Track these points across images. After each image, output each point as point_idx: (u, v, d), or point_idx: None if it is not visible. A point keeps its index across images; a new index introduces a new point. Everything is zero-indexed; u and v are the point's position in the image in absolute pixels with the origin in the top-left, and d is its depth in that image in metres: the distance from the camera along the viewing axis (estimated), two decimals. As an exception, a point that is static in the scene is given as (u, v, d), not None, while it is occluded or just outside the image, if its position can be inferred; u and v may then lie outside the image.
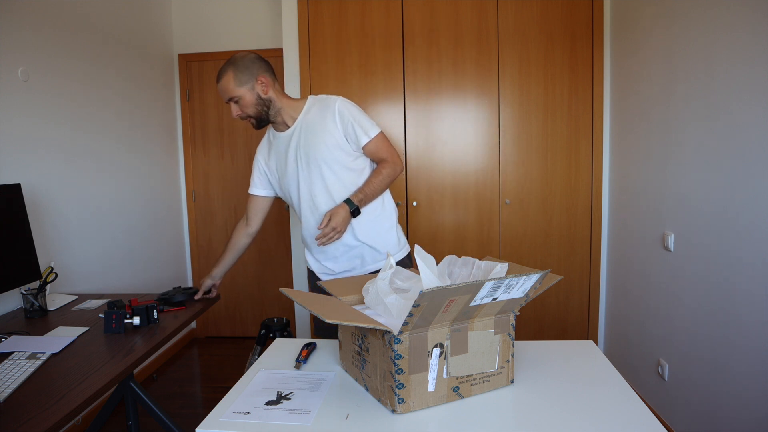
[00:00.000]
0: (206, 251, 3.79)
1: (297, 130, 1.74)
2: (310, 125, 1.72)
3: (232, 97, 1.66)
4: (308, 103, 1.76)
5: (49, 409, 1.17)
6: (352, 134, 1.71)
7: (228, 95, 1.66)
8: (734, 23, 1.82)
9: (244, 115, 1.70)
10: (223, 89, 1.66)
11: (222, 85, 1.66)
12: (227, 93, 1.66)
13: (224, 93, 1.67)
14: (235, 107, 1.69)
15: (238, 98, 1.66)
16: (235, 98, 1.66)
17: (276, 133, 1.80)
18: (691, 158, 2.10)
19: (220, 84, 1.66)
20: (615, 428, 1.00)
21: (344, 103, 1.72)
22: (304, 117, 1.74)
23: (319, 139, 1.70)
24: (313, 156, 1.71)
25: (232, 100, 1.67)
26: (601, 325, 3.10)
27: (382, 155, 1.75)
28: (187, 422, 2.53)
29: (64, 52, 2.51)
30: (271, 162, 1.83)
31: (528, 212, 3.04)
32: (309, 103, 1.76)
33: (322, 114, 1.72)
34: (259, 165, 1.88)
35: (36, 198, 2.30)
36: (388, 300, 1.19)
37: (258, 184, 1.90)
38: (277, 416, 1.05)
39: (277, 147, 1.80)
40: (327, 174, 1.72)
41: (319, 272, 1.89)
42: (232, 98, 1.67)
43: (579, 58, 2.93)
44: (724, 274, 1.90)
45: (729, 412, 1.88)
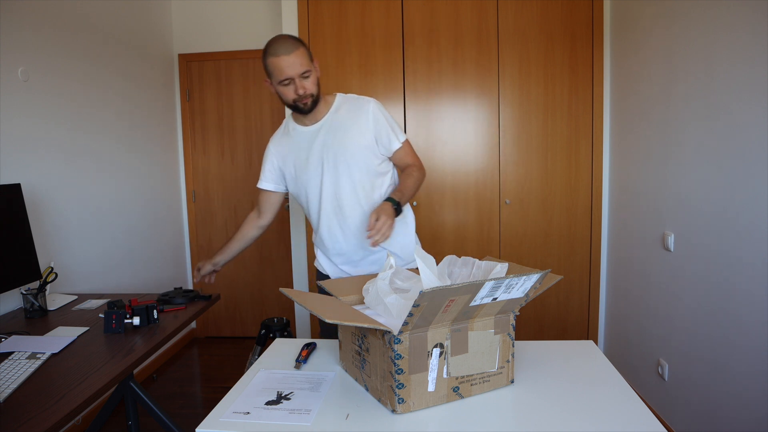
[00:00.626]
0: (206, 251, 3.79)
1: (325, 127, 1.66)
2: (340, 123, 1.66)
3: (308, 70, 1.55)
4: (337, 101, 1.70)
5: (49, 409, 1.17)
6: (385, 138, 1.66)
7: (303, 68, 1.53)
8: (734, 23, 1.82)
9: (308, 93, 1.57)
10: (297, 62, 1.52)
11: (296, 57, 1.52)
12: (303, 66, 1.53)
13: (297, 67, 1.52)
14: (305, 83, 1.55)
15: (310, 73, 1.56)
16: (308, 72, 1.55)
17: (297, 126, 1.71)
18: (691, 158, 2.10)
19: (294, 56, 1.51)
20: (615, 428, 1.00)
21: (378, 105, 1.68)
22: (334, 114, 1.67)
23: (350, 139, 1.64)
24: (342, 156, 1.64)
25: (305, 74, 1.55)
26: (601, 325, 3.10)
27: (409, 161, 1.72)
28: (187, 422, 2.53)
29: (64, 52, 2.51)
30: (288, 157, 1.73)
31: (528, 212, 3.04)
32: (338, 100, 1.70)
33: (354, 114, 1.66)
34: (271, 159, 1.77)
35: (36, 198, 2.30)
36: (388, 300, 1.19)
37: (269, 179, 1.80)
38: (277, 416, 1.05)
39: (297, 142, 1.70)
40: (356, 176, 1.65)
41: (333, 276, 1.80)
42: (306, 72, 1.55)
43: (579, 58, 2.93)
44: (724, 274, 1.90)
45: (729, 412, 1.88)
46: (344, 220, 1.68)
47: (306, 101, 1.58)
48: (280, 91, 1.59)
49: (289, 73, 1.53)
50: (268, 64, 1.55)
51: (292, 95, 1.57)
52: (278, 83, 1.56)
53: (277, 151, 1.76)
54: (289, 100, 1.59)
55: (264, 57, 1.56)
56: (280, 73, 1.53)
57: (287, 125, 1.76)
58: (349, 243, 1.71)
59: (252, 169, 3.69)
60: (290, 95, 1.57)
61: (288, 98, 1.58)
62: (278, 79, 1.55)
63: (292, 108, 1.63)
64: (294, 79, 1.54)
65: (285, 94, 1.58)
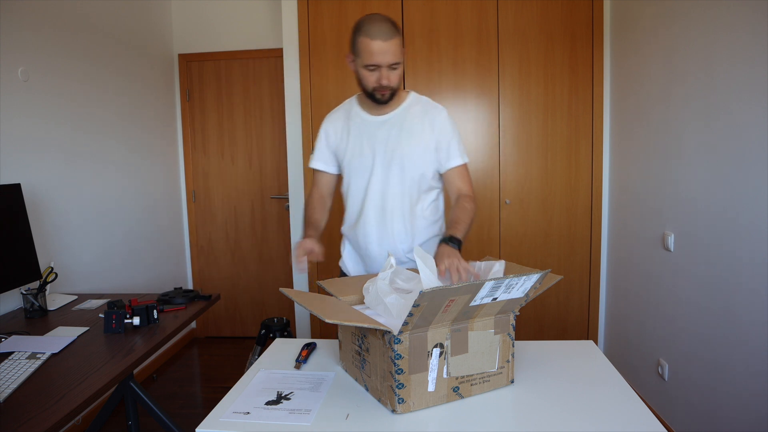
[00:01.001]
0: (206, 251, 3.79)
1: (391, 122, 1.59)
2: (408, 122, 1.59)
3: (398, 62, 1.46)
4: (410, 99, 1.63)
5: (49, 409, 1.17)
6: (445, 151, 1.59)
7: (395, 59, 1.45)
8: (734, 23, 1.82)
9: (391, 86, 1.49)
10: (390, 52, 1.43)
11: (391, 46, 1.42)
12: (395, 57, 1.45)
13: (389, 56, 1.44)
14: (391, 74, 1.47)
15: (399, 65, 1.48)
16: (397, 65, 1.47)
17: (362, 112, 1.62)
18: (692, 158, 2.10)
19: (390, 44, 1.42)
20: (615, 428, 1.00)
21: (450, 116, 1.62)
22: (405, 112, 1.60)
23: (414, 140, 1.58)
24: (399, 156, 1.57)
25: (394, 65, 1.46)
26: (601, 325, 3.10)
27: (463, 186, 1.61)
28: (187, 422, 2.53)
29: (64, 52, 2.51)
30: (344, 140, 1.63)
31: (528, 212, 3.04)
32: (411, 98, 1.63)
33: (424, 117, 1.59)
34: (328, 138, 1.67)
35: (36, 198, 2.30)
36: (388, 300, 1.19)
37: (319, 158, 1.70)
38: (277, 416, 1.05)
39: (358, 127, 1.62)
40: (407, 182, 1.59)
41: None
42: (396, 63, 1.46)
43: (579, 58, 2.93)
44: (724, 274, 1.90)
45: (729, 411, 1.88)
46: (383, 222, 1.62)
47: (385, 93, 1.51)
48: (362, 74, 1.50)
49: (380, 60, 1.44)
50: (359, 43, 1.45)
51: (373, 83, 1.49)
52: (363, 66, 1.47)
53: (333, 131, 1.66)
54: (368, 86, 1.51)
55: (356, 33, 1.47)
56: (368, 57, 1.44)
57: (350, 108, 1.66)
58: (381, 246, 1.63)
59: (252, 169, 3.69)
60: (372, 82, 1.49)
61: (368, 84, 1.50)
62: (365, 62, 1.46)
63: (367, 94, 1.55)
64: (381, 68, 1.45)
65: (366, 78, 1.49)
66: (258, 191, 3.71)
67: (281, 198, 3.68)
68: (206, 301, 2.00)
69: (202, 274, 3.82)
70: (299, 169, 3.15)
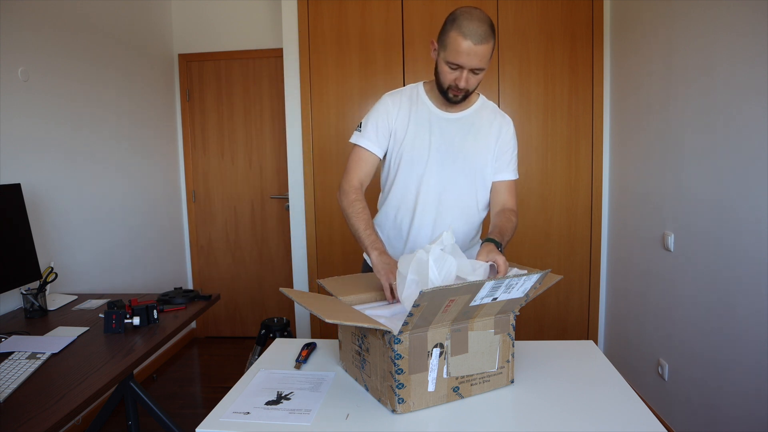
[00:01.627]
0: (206, 251, 3.79)
1: (463, 121, 1.55)
2: (478, 125, 1.56)
3: (484, 68, 1.40)
4: (480, 101, 1.59)
5: (49, 409, 1.17)
6: (504, 162, 1.58)
7: (482, 64, 1.38)
8: (734, 23, 1.82)
9: (467, 89, 1.44)
10: (479, 56, 1.36)
11: (484, 49, 1.35)
12: (483, 61, 1.38)
13: (476, 61, 1.37)
14: (472, 78, 1.41)
15: (482, 71, 1.42)
16: (482, 69, 1.41)
17: (430, 104, 1.55)
18: (691, 158, 2.10)
19: (483, 48, 1.35)
20: (615, 428, 1.00)
21: (514, 129, 1.61)
22: (476, 113, 1.57)
23: (481, 144, 1.55)
24: (464, 155, 1.54)
25: (479, 70, 1.40)
26: (601, 325, 3.10)
27: (509, 200, 1.59)
28: (187, 422, 2.53)
29: (64, 52, 2.51)
30: (409, 127, 1.54)
31: (528, 212, 3.04)
32: (480, 101, 1.60)
33: (493, 123, 1.57)
34: (389, 117, 1.55)
35: (36, 198, 2.30)
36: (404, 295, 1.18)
37: (380, 141, 1.55)
38: (277, 416, 1.05)
39: (426, 119, 1.54)
40: (468, 182, 1.55)
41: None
42: (481, 69, 1.40)
43: (579, 58, 2.93)
44: (724, 274, 1.90)
45: (729, 411, 1.88)
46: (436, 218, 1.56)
47: (458, 94, 1.45)
48: (442, 68, 1.43)
49: (464, 62, 1.37)
50: (450, 37, 1.37)
51: (450, 81, 1.42)
52: (446, 61, 1.40)
53: (396, 113, 1.55)
54: (444, 83, 1.44)
55: (449, 25, 1.38)
56: (455, 56, 1.37)
57: (415, 95, 1.57)
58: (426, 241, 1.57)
59: (252, 169, 3.69)
60: (449, 80, 1.42)
61: (445, 81, 1.44)
62: (449, 58, 1.38)
63: (440, 89, 1.48)
64: (464, 70, 1.39)
65: (445, 75, 1.43)
66: (258, 191, 3.71)
67: (281, 198, 3.68)
68: (206, 301, 2.00)
69: (202, 274, 3.82)
70: (299, 169, 3.15)
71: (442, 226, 1.56)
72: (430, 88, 1.57)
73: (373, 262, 1.39)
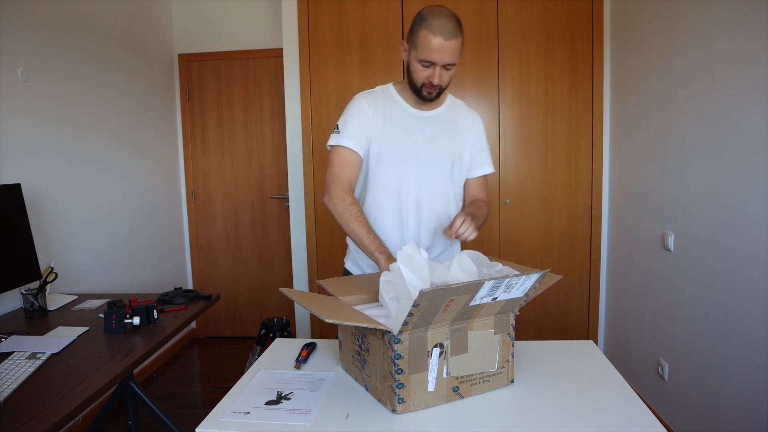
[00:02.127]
0: (206, 251, 3.79)
1: (437, 118, 1.56)
2: (454, 120, 1.58)
3: (455, 63, 1.41)
4: (449, 99, 1.61)
5: (49, 409, 1.17)
6: (477, 157, 1.62)
7: (452, 60, 1.40)
8: (734, 23, 1.82)
9: (441, 85, 1.45)
10: (452, 50, 1.38)
11: (454, 45, 1.37)
12: (452, 58, 1.39)
13: (447, 57, 1.38)
14: (444, 74, 1.43)
15: (454, 66, 1.43)
16: (453, 66, 1.42)
17: (404, 104, 1.55)
18: (692, 158, 2.10)
19: (453, 43, 1.37)
20: (615, 428, 1.00)
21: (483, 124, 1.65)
22: (449, 110, 1.59)
23: (459, 139, 1.58)
24: (442, 153, 1.55)
25: (450, 66, 1.41)
26: (601, 325, 3.10)
27: (482, 194, 1.65)
28: (187, 422, 2.53)
29: (64, 52, 2.51)
30: (385, 127, 1.53)
31: (528, 212, 3.04)
32: (450, 99, 1.62)
33: (466, 118, 1.60)
34: (364, 116, 1.52)
35: (36, 198, 2.30)
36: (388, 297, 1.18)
37: (362, 140, 1.52)
38: (277, 416, 1.05)
39: (400, 118, 1.54)
40: (447, 181, 1.58)
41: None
42: (453, 64, 1.41)
43: (579, 58, 2.93)
44: (724, 274, 1.90)
45: (729, 411, 1.88)
46: (416, 219, 1.57)
47: (432, 91, 1.46)
48: (414, 67, 1.44)
49: (436, 58, 1.38)
50: (419, 36, 1.39)
51: (423, 79, 1.44)
52: (417, 60, 1.42)
53: (375, 110, 1.53)
54: (417, 81, 1.45)
55: (418, 23, 1.40)
56: (426, 53, 1.38)
57: (387, 95, 1.57)
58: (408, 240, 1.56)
59: (252, 169, 3.69)
60: (422, 78, 1.44)
61: (418, 80, 1.45)
62: (420, 56, 1.40)
63: (413, 88, 1.48)
64: (436, 66, 1.40)
65: (418, 73, 1.44)
66: (258, 191, 3.71)
67: (281, 198, 3.68)
68: (206, 301, 2.00)
69: (202, 274, 3.82)
70: (299, 169, 3.15)
71: (425, 224, 1.57)
72: (401, 88, 1.57)
73: (382, 266, 1.38)
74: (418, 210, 1.57)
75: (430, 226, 1.59)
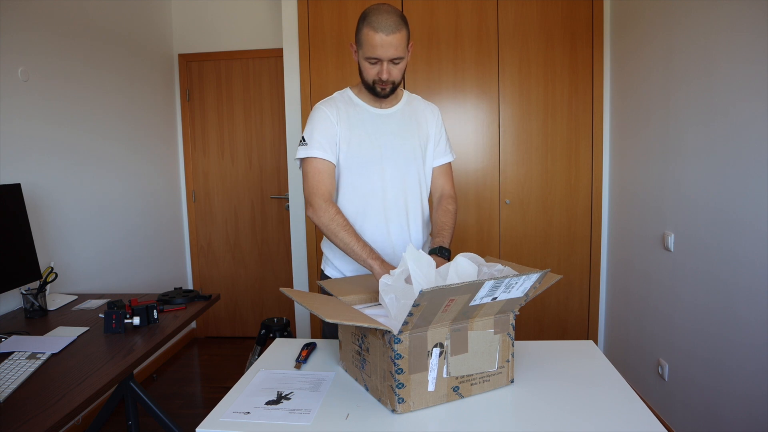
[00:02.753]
0: (206, 251, 3.79)
1: (398, 115, 1.58)
2: (414, 114, 1.61)
3: (401, 57, 1.42)
4: (406, 94, 1.64)
5: (49, 409, 1.17)
6: (443, 147, 1.65)
7: (397, 54, 1.41)
8: (734, 23, 1.82)
9: (391, 80, 1.46)
10: (392, 46, 1.39)
11: (394, 40, 1.38)
12: (397, 52, 1.40)
13: (391, 51, 1.39)
14: (393, 69, 1.44)
15: (401, 60, 1.44)
16: (400, 59, 1.43)
17: (362, 103, 1.57)
18: (692, 158, 2.10)
19: (393, 38, 1.38)
20: (615, 428, 1.00)
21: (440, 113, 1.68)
22: (407, 105, 1.61)
23: (423, 132, 1.60)
24: (408, 149, 1.56)
25: (396, 60, 1.43)
26: (601, 325, 3.10)
27: (447, 184, 1.66)
28: (187, 422, 2.53)
29: (64, 52, 2.51)
30: (351, 131, 1.53)
31: (528, 212, 3.04)
32: (406, 94, 1.64)
33: (424, 113, 1.63)
34: (329, 123, 1.52)
35: (36, 198, 2.30)
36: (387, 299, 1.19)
37: (331, 148, 1.52)
38: (277, 416, 1.05)
39: (363, 119, 1.55)
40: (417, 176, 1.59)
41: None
42: (398, 58, 1.42)
43: (579, 58, 2.93)
44: (724, 274, 1.90)
45: (729, 411, 1.88)
46: (394, 218, 1.57)
47: (385, 87, 1.48)
48: (363, 66, 1.46)
49: (381, 54, 1.40)
50: (363, 35, 1.41)
51: (373, 76, 1.46)
52: (365, 58, 1.44)
53: (338, 116, 1.53)
54: (368, 79, 1.47)
55: (361, 23, 1.42)
56: (370, 50, 1.40)
57: (346, 99, 1.58)
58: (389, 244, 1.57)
59: (252, 169, 3.69)
60: (372, 75, 1.46)
61: (368, 77, 1.47)
62: (366, 54, 1.42)
63: (367, 87, 1.50)
64: (383, 62, 1.42)
65: (367, 71, 1.46)
66: (258, 191, 3.71)
67: (281, 198, 3.68)
68: (206, 301, 2.00)
69: (202, 274, 3.82)
70: (299, 169, 3.14)
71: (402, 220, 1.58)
72: (358, 91, 1.59)
73: (377, 272, 1.38)
74: (396, 210, 1.58)
75: (412, 225, 1.61)
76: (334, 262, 1.64)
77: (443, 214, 1.60)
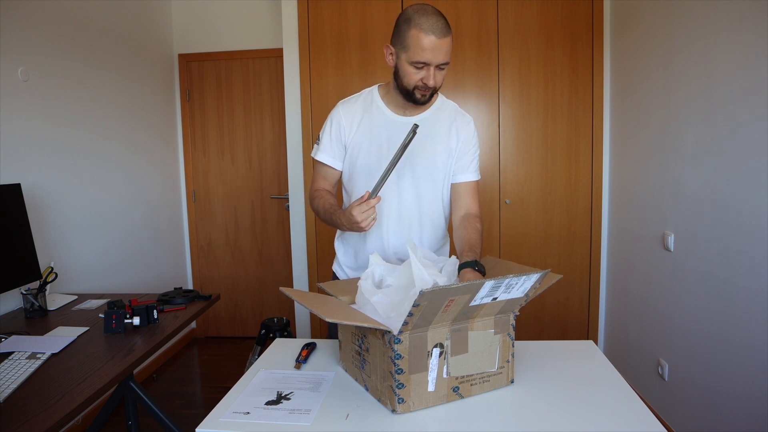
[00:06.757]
0: (206, 251, 3.79)
1: (420, 123, 1.43)
2: (436, 126, 1.50)
3: (448, 62, 1.36)
4: (439, 100, 1.54)
5: (49, 409, 1.17)
6: (465, 162, 1.53)
7: (446, 59, 1.34)
8: (734, 24, 1.82)
9: (435, 86, 1.39)
10: (444, 50, 1.32)
11: (447, 42, 1.32)
12: (446, 57, 1.34)
13: (442, 55, 1.33)
14: (438, 75, 1.37)
15: (447, 65, 1.37)
16: (446, 64, 1.36)
17: (386, 109, 1.50)
18: (692, 158, 2.10)
19: (446, 41, 1.31)
20: (615, 428, 1.00)
21: (476, 128, 1.56)
22: (434, 114, 1.51)
23: (440, 146, 1.49)
24: (423, 161, 1.48)
25: (444, 65, 1.36)
26: (601, 325, 3.10)
27: (473, 204, 1.54)
28: (187, 422, 2.53)
29: (64, 52, 2.51)
30: (365, 135, 1.48)
31: (528, 212, 3.04)
32: (440, 100, 1.54)
33: (452, 123, 1.52)
34: (340, 130, 1.50)
35: (36, 198, 2.30)
36: (374, 299, 1.19)
37: (335, 153, 1.52)
38: (277, 416, 1.05)
39: (380, 125, 1.48)
40: (429, 188, 1.51)
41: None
42: (446, 63, 1.36)
43: (579, 58, 2.93)
44: (724, 274, 1.90)
45: (729, 411, 1.88)
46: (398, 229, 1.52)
47: (426, 93, 1.39)
48: (405, 69, 1.36)
49: (430, 58, 1.32)
50: (409, 37, 1.32)
51: (416, 81, 1.36)
52: (410, 62, 1.34)
53: (348, 123, 1.49)
54: (410, 84, 1.38)
55: (404, 24, 1.33)
56: (419, 53, 1.31)
57: (369, 100, 1.52)
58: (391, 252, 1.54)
59: (252, 169, 3.69)
60: (415, 80, 1.36)
61: (410, 82, 1.37)
62: (413, 58, 1.33)
63: (403, 92, 1.42)
64: (431, 67, 1.34)
65: (410, 76, 1.36)
66: (258, 191, 3.71)
67: (281, 198, 3.68)
68: (206, 301, 2.00)
69: (202, 274, 3.82)
70: (299, 169, 3.15)
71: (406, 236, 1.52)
72: (385, 92, 1.51)
73: (343, 221, 1.35)
74: (400, 221, 1.52)
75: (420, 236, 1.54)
76: (341, 259, 1.66)
77: (472, 231, 1.47)
